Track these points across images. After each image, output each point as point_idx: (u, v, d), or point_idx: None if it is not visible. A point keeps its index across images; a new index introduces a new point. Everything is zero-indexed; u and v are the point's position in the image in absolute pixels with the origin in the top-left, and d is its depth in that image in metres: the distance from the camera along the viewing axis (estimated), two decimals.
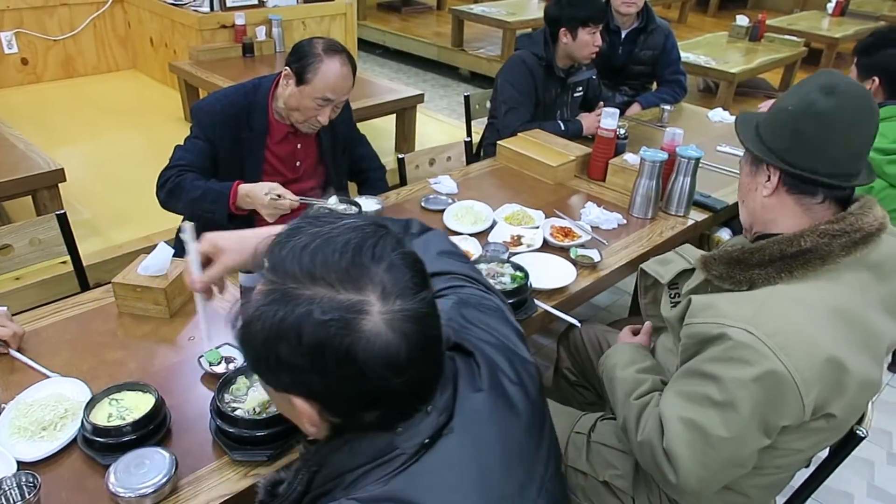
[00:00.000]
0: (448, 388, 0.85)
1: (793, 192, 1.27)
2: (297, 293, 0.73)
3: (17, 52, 4.64)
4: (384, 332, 0.73)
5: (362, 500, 0.76)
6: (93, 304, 1.70)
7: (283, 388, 0.80)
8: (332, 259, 0.75)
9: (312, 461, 0.84)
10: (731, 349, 1.14)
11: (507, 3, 6.77)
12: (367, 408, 0.78)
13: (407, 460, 0.79)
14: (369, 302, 0.73)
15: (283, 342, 0.73)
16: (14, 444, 1.25)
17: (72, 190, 2.90)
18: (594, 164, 2.49)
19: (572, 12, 2.73)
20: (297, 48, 2.03)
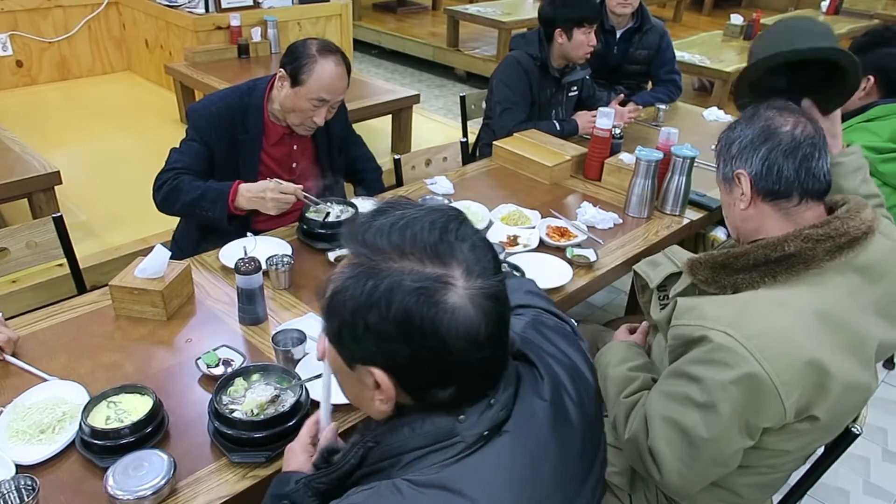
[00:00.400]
0: (510, 387, 0.87)
1: (768, 198, 1.28)
2: (385, 266, 0.77)
3: (12, 54, 4.63)
4: (466, 307, 0.76)
5: (416, 483, 0.78)
6: (90, 306, 1.70)
7: (364, 360, 0.81)
8: (421, 235, 0.79)
9: (370, 437, 0.86)
10: (711, 351, 1.15)
11: (502, 4, 6.78)
12: (444, 384, 0.81)
13: (464, 449, 0.81)
14: (454, 276, 0.77)
15: (372, 310, 0.76)
16: (12, 448, 1.25)
17: (67, 192, 2.89)
18: (590, 163, 2.50)
19: (567, 13, 2.73)
20: (291, 49, 2.03)
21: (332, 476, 0.90)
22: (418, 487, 0.78)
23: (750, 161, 1.28)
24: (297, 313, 1.70)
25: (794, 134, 1.26)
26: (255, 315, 1.64)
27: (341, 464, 0.88)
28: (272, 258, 1.78)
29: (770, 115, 1.30)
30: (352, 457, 0.87)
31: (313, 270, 1.88)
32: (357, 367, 0.83)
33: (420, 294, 0.75)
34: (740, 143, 1.30)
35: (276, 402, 1.32)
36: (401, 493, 0.78)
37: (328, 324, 0.83)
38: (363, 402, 0.88)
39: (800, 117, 1.29)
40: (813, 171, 1.26)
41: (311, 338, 1.53)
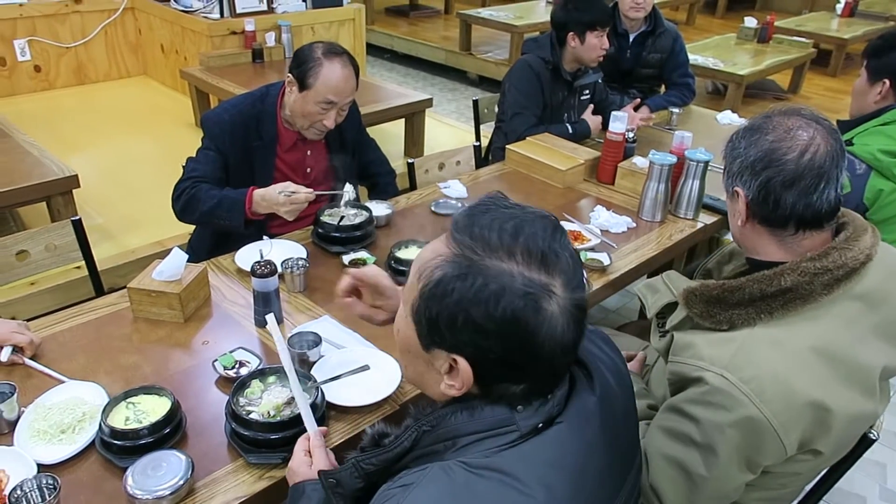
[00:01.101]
0: (566, 384, 0.90)
1: (763, 223, 1.23)
2: (493, 264, 0.80)
3: (31, 59, 4.70)
4: (560, 317, 0.81)
5: (470, 465, 0.81)
6: (108, 308, 1.72)
7: (451, 349, 0.83)
8: (534, 241, 0.81)
9: (425, 421, 0.89)
10: (708, 394, 1.14)
11: (515, 7, 6.79)
12: (519, 380, 0.84)
13: (518, 438, 0.84)
14: (555, 286, 0.81)
15: (479, 306, 0.78)
16: (33, 447, 1.27)
17: (84, 195, 2.93)
18: (603, 167, 2.50)
19: (579, 16, 2.74)
20: (297, 54, 2.05)
21: (382, 457, 0.91)
22: (472, 469, 0.81)
23: (748, 184, 1.20)
24: (311, 316, 1.71)
25: (800, 162, 1.16)
26: None
27: (393, 445, 0.91)
28: (287, 261, 1.80)
29: (780, 135, 1.18)
30: (405, 439, 0.90)
31: (328, 274, 1.90)
32: (435, 351, 0.86)
33: (528, 299, 0.79)
34: (742, 161, 1.22)
35: (292, 404, 1.33)
36: (453, 474, 0.81)
37: (424, 308, 0.83)
38: (425, 382, 0.92)
39: (815, 137, 1.17)
40: (813, 205, 1.17)
41: (326, 340, 1.55)
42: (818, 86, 6.22)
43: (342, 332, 1.64)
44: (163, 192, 2.12)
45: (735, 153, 1.24)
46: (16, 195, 2.58)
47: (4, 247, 1.97)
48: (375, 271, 1.28)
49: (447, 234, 0.85)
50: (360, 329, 1.65)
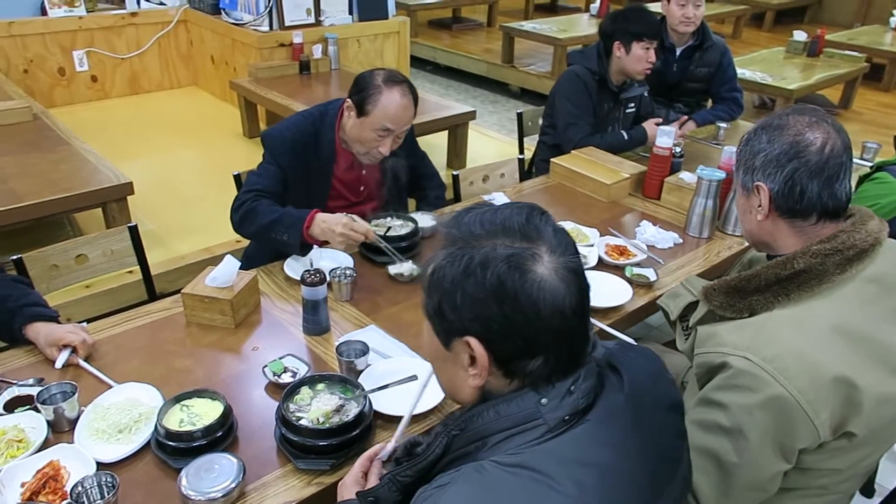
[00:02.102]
0: (590, 378, 0.91)
1: (785, 215, 1.27)
2: (480, 242, 0.87)
3: (88, 69, 4.87)
4: (552, 278, 0.84)
5: (501, 463, 0.83)
6: (162, 313, 1.77)
7: (461, 331, 0.87)
8: (510, 220, 0.88)
9: (454, 425, 0.91)
10: (733, 377, 1.16)
11: (558, 20, 6.79)
12: (533, 353, 0.86)
13: (546, 432, 0.86)
14: (540, 251, 0.86)
15: (469, 279, 0.84)
16: (92, 446, 1.31)
17: (137, 202, 3.01)
18: (649, 182, 2.48)
19: (626, 26, 2.74)
20: (357, 80, 2.05)
21: (417, 468, 0.94)
22: (503, 467, 0.82)
23: (773, 177, 1.26)
24: (358, 325, 1.74)
25: (824, 152, 1.22)
26: (319, 325, 1.68)
27: (427, 454, 0.93)
28: (335, 270, 1.83)
29: (800, 129, 1.25)
30: (437, 446, 0.92)
31: (373, 283, 1.92)
32: (454, 343, 0.89)
33: (511, 261, 0.84)
34: (766, 156, 1.27)
35: (341, 412, 1.35)
36: (486, 473, 0.82)
37: (429, 300, 0.90)
38: (456, 385, 0.94)
39: (830, 131, 1.24)
40: (836, 193, 1.23)
41: (373, 350, 1.57)
42: (871, 101, 6.06)
43: (388, 342, 1.66)
44: (211, 200, 2.17)
45: (756, 149, 1.29)
46: (75, 201, 2.68)
47: (65, 251, 2.04)
48: None
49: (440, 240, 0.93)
50: (407, 339, 1.67)
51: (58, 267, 2.03)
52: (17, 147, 3.09)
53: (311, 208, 2.05)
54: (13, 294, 1.61)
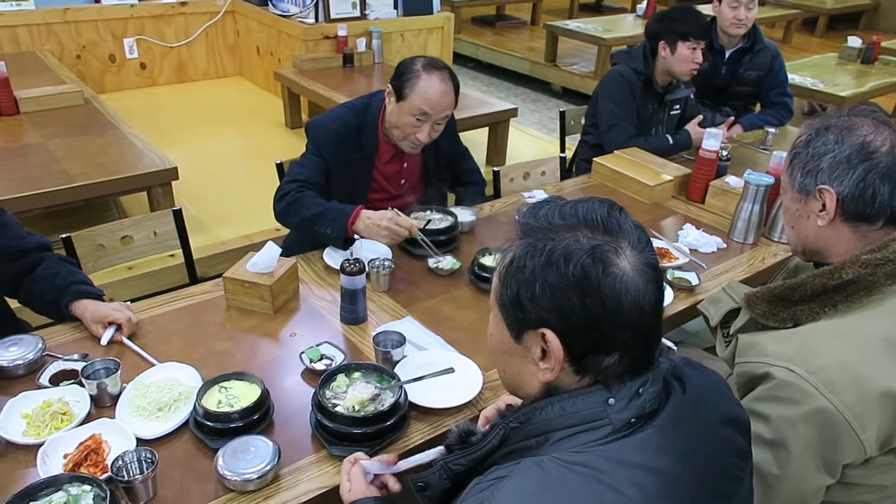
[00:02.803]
0: (658, 383, 0.89)
1: (851, 220, 1.22)
2: (560, 234, 0.86)
3: (138, 57, 4.98)
4: (632, 274, 0.83)
5: (564, 461, 0.81)
6: (203, 296, 1.80)
7: (537, 323, 0.85)
8: (591, 213, 0.87)
9: (513, 417, 0.89)
10: (776, 388, 1.12)
11: (603, 20, 6.72)
12: (609, 349, 0.84)
13: (611, 433, 0.84)
14: (623, 246, 0.84)
15: (552, 269, 0.83)
16: (133, 422, 1.34)
17: (180, 187, 3.07)
18: (693, 185, 2.43)
19: (672, 26, 2.69)
20: (399, 66, 2.06)
21: (470, 457, 0.93)
22: (565, 463, 0.81)
23: (842, 180, 1.20)
24: (395, 316, 1.74)
25: (892, 155, 1.18)
26: (357, 315, 1.69)
27: (482, 444, 0.91)
28: (374, 261, 1.83)
29: (867, 131, 1.20)
30: (493, 437, 0.90)
31: (411, 275, 1.92)
32: (526, 336, 0.88)
33: (595, 254, 0.82)
34: (834, 157, 1.21)
35: (376, 401, 1.35)
36: (546, 469, 0.81)
37: (504, 290, 0.88)
38: (522, 379, 0.92)
39: (893, 133, 1.20)
40: None
41: (409, 341, 1.57)
42: None
43: (425, 335, 1.66)
44: (252, 189, 2.19)
45: (821, 150, 1.23)
46: (122, 184, 2.74)
47: (111, 231, 2.09)
48: None
49: (515, 230, 0.92)
50: (443, 332, 1.67)
51: (104, 247, 2.08)
52: (67, 130, 3.18)
53: (352, 200, 2.05)
54: (61, 272, 1.65)
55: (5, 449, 1.28)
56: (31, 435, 1.29)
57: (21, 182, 2.62)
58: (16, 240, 1.66)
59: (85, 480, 1.13)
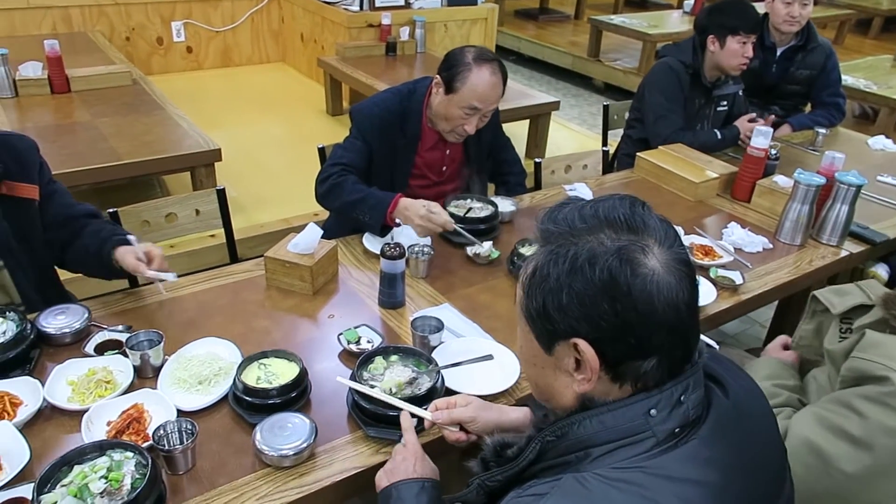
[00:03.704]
0: (699, 389, 0.86)
1: None
2: (582, 237, 0.82)
3: (184, 40, 5.06)
4: (663, 272, 0.79)
5: (605, 478, 0.78)
6: (244, 274, 1.82)
7: (567, 334, 0.82)
8: (613, 211, 0.83)
9: (549, 431, 0.86)
10: (889, 395, 1.09)
11: (649, 15, 6.61)
12: (646, 353, 0.81)
13: (654, 446, 0.81)
14: (650, 245, 0.81)
15: (577, 275, 0.80)
16: (174, 394, 1.36)
17: (221, 169, 3.10)
18: (740, 183, 2.38)
19: (721, 19, 2.63)
20: (448, 56, 2.04)
21: (507, 474, 0.90)
22: (608, 481, 0.78)
23: None
24: (432, 302, 1.74)
25: None
26: (395, 299, 1.69)
27: (519, 461, 0.89)
28: (413, 247, 1.83)
29: None
30: (530, 452, 0.87)
31: (449, 263, 1.92)
32: (557, 347, 0.84)
33: (621, 255, 0.79)
34: None
35: (413, 385, 1.35)
36: (589, 485, 0.78)
37: (530, 301, 0.84)
38: (555, 391, 0.88)
39: None
40: None
41: (447, 328, 1.56)
42: None
43: (462, 322, 1.65)
44: (292, 173, 2.20)
45: None
46: (167, 163, 2.79)
47: (156, 208, 2.12)
48: (469, 411, 1.20)
49: (535, 236, 0.88)
50: (480, 321, 1.66)
51: (149, 223, 2.11)
52: (116, 109, 3.24)
53: (394, 185, 2.05)
54: (105, 227, 1.71)
55: (51, 413, 1.32)
56: (76, 401, 1.32)
57: (70, 158, 2.67)
58: (65, 208, 1.70)
59: (127, 447, 1.15)
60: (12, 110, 3.11)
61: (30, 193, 1.63)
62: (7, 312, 1.47)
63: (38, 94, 3.29)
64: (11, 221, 1.61)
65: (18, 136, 1.68)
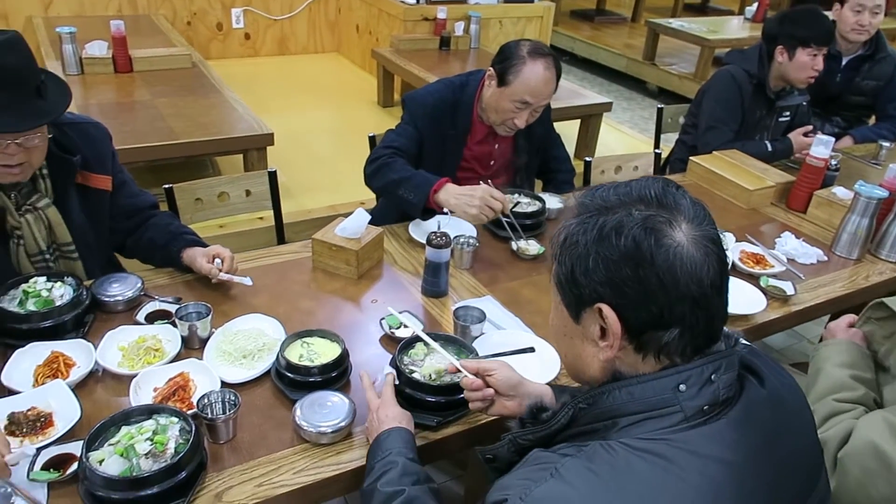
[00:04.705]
0: (731, 370, 0.87)
1: None
2: (614, 210, 0.85)
3: (243, 27, 5.16)
4: (690, 247, 0.82)
5: (631, 446, 0.80)
6: (291, 255, 1.85)
7: (592, 299, 0.85)
8: (646, 189, 0.87)
9: (582, 399, 0.89)
10: None
11: (709, 21, 6.48)
12: (668, 323, 0.83)
13: (682, 420, 0.82)
14: (678, 220, 0.83)
15: (604, 242, 0.83)
16: (219, 366, 1.39)
17: (272, 154, 3.15)
18: (796, 193, 2.32)
19: (792, 29, 2.55)
20: (502, 49, 2.03)
21: (539, 434, 0.93)
22: (632, 450, 0.80)
23: None
24: (475, 294, 1.74)
25: None
26: (438, 288, 1.70)
27: (552, 423, 0.92)
28: (459, 237, 1.83)
29: None
30: (562, 417, 0.90)
31: (494, 256, 1.91)
32: (584, 315, 0.88)
33: (647, 224, 0.82)
34: None
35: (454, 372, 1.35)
36: (614, 452, 0.80)
37: (560, 267, 0.89)
38: (583, 361, 0.92)
39: None
40: None
41: (489, 320, 1.56)
42: None
43: (504, 315, 1.65)
44: (341, 161, 2.23)
45: None
46: (222, 144, 2.85)
47: (209, 186, 2.17)
48: (495, 363, 1.22)
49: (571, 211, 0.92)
50: (523, 315, 1.65)
51: (202, 201, 2.16)
52: (174, 90, 3.32)
53: (442, 176, 2.06)
54: (174, 223, 1.77)
55: (102, 376, 1.36)
56: (126, 366, 1.36)
57: (129, 135, 2.75)
58: (132, 198, 1.76)
59: (173, 413, 1.18)
60: (77, 87, 3.22)
61: (104, 184, 1.68)
62: (65, 277, 1.52)
63: (102, 73, 3.39)
64: (86, 211, 1.66)
65: (94, 124, 1.72)
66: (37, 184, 1.57)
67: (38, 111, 1.44)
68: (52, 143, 1.54)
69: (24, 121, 1.41)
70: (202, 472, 1.15)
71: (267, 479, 1.17)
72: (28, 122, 1.41)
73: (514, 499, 0.79)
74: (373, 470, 1.12)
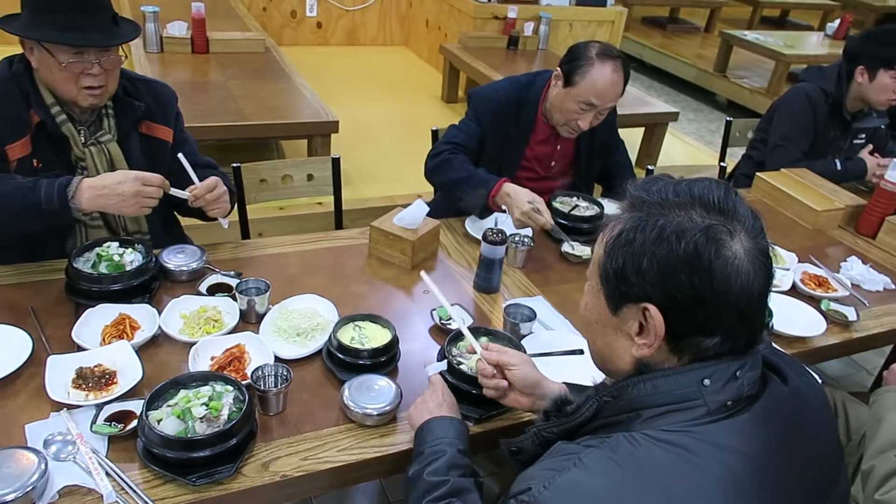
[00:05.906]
0: (756, 368, 0.88)
1: None
2: (672, 211, 0.85)
3: (316, 16, 5.26)
4: (745, 259, 0.82)
5: (654, 438, 0.81)
6: (348, 241, 1.89)
7: (639, 298, 0.85)
8: (708, 192, 0.86)
9: (606, 392, 0.90)
10: None
11: (786, 35, 6.29)
12: (712, 331, 0.83)
13: (705, 415, 0.83)
14: (737, 230, 0.83)
15: (663, 244, 0.82)
16: (273, 341, 1.43)
17: (335, 141, 3.22)
18: (867, 217, 2.24)
19: (877, 49, 2.46)
20: (571, 49, 2.03)
21: (564, 427, 0.94)
22: (654, 441, 0.81)
23: None
24: (525, 293, 1.74)
25: None
26: (490, 284, 1.71)
27: (576, 416, 0.93)
28: (514, 236, 1.84)
29: None
30: (587, 409, 0.91)
31: (547, 257, 1.91)
32: (624, 309, 0.87)
33: (709, 233, 0.81)
34: None
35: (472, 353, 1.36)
36: (637, 443, 0.81)
37: (609, 261, 0.87)
38: (613, 352, 0.92)
39: None
40: None
41: (539, 320, 1.56)
42: None
43: (553, 316, 1.65)
44: (401, 153, 2.25)
45: None
46: (289, 128, 2.93)
47: (274, 168, 2.23)
48: (515, 357, 1.25)
49: (625, 202, 0.90)
50: (572, 318, 1.65)
51: (266, 182, 2.22)
52: (247, 73, 3.42)
53: (501, 175, 2.06)
54: (223, 177, 1.78)
55: (163, 341, 1.42)
56: (187, 334, 1.42)
57: (201, 114, 2.85)
58: (191, 156, 1.82)
59: (229, 381, 1.22)
60: (157, 64, 3.35)
61: (165, 135, 1.76)
62: (136, 244, 1.59)
63: (181, 52, 3.52)
64: (147, 159, 1.73)
65: (162, 83, 1.82)
66: (102, 122, 1.67)
67: (118, 33, 1.60)
68: (121, 89, 1.67)
69: (111, 38, 1.56)
70: (252, 440, 1.19)
71: (312, 453, 1.21)
72: (114, 39, 1.57)
73: (538, 487, 0.80)
74: (421, 455, 1.13)
